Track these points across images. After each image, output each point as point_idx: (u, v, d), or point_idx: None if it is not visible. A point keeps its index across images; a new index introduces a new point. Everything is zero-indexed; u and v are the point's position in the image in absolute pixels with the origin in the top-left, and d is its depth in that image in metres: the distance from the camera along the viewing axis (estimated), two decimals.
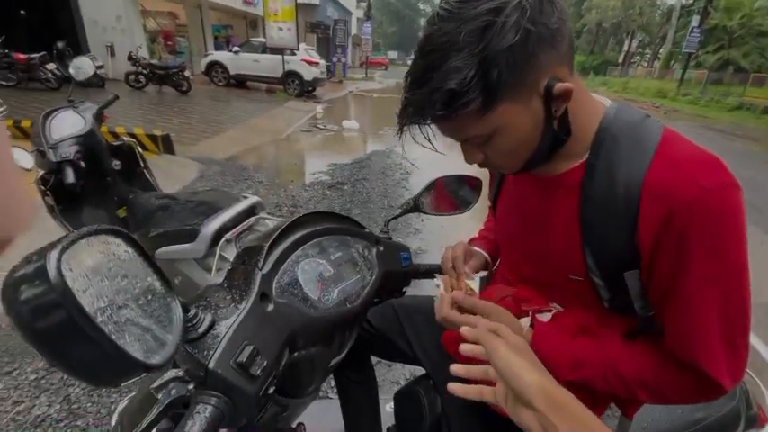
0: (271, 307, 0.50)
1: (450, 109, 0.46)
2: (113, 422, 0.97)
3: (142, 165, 1.98)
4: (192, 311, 0.42)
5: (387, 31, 69.60)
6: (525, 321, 0.61)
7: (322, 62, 11.72)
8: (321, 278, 0.61)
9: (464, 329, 0.49)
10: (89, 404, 1.50)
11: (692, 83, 18.75)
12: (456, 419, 0.74)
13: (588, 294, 0.58)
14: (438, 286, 0.70)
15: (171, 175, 4.00)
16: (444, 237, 3.23)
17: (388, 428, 1.00)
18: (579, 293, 0.59)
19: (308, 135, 6.92)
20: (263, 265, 0.52)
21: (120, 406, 1.04)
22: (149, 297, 0.35)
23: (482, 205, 0.90)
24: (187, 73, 9.17)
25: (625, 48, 32.96)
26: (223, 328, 0.43)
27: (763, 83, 18.16)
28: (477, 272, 0.78)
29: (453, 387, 0.47)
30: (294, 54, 10.62)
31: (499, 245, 0.80)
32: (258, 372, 0.42)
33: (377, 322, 0.91)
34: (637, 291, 0.53)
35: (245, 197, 1.62)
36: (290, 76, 10.82)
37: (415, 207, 0.89)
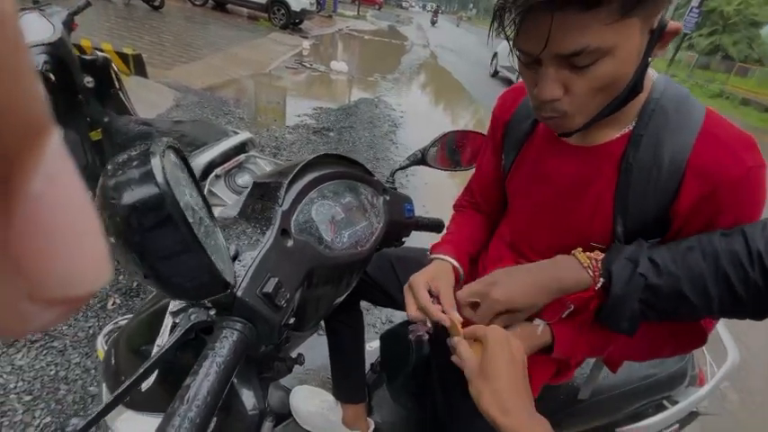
0: (290, 243, 0.50)
1: None
2: (99, 345, 0.98)
3: (117, 85, 1.83)
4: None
5: None
6: (539, 322, 0.62)
7: None
8: (333, 221, 0.61)
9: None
10: (65, 327, 1.50)
11: (682, 64, 18.87)
12: (449, 375, 0.79)
13: None
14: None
15: (143, 101, 3.71)
16: (426, 193, 3.26)
17: (371, 364, 1.06)
18: None
19: (292, 72, 6.53)
20: (283, 202, 0.52)
21: (107, 329, 1.04)
22: (203, 218, 0.34)
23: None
24: None
25: None
26: (248, 259, 0.44)
27: (746, 74, 18.58)
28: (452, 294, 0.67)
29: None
30: None
31: (509, 212, 0.78)
32: (282, 303, 0.43)
33: (372, 271, 0.93)
34: None
35: (236, 132, 1.55)
36: (276, 4, 9.93)
37: (422, 159, 0.89)
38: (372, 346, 1.22)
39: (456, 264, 0.71)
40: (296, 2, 9.89)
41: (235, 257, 0.43)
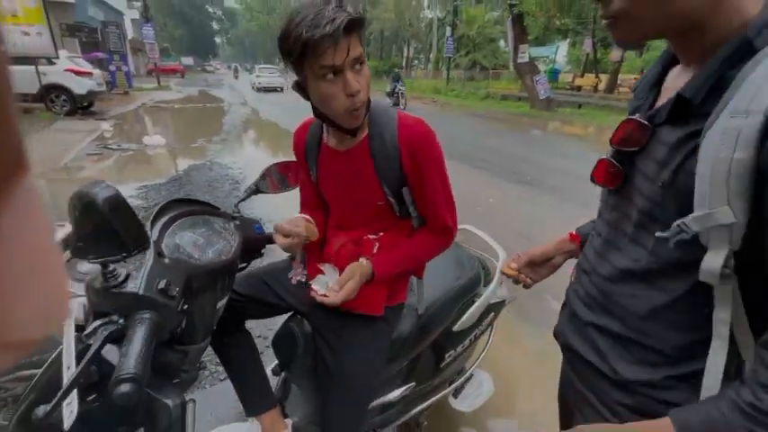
0: (167, 260, 0.68)
1: (353, 25, 0.75)
2: None
3: None
4: (111, 267, 0.58)
5: (174, 35, 61.96)
6: (363, 259, 0.95)
7: (96, 71, 9.86)
8: (196, 244, 0.81)
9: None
10: None
11: (456, 80, 24.05)
12: (325, 328, 1.03)
13: (388, 212, 0.99)
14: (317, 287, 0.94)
15: None
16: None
17: (272, 370, 1.21)
18: (383, 213, 0.99)
19: (97, 159, 5.85)
20: (152, 235, 0.69)
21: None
22: None
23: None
24: None
25: (405, 53, 39.66)
26: (139, 274, 0.60)
27: (499, 77, 25.07)
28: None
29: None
30: (53, 63, 8.60)
31: (329, 206, 1.09)
32: (175, 293, 0.62)
33: (247, 291, 1.10)
34: (410, 200, 0.96)
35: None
36: (53, 91, 8.74)
37: (256, 190, 1.13)
38: (271, 370, 1.35)
39: (309, 217, 1.01)
40: (78, 84, 8.87)
41: (128, 276, 0.60)
